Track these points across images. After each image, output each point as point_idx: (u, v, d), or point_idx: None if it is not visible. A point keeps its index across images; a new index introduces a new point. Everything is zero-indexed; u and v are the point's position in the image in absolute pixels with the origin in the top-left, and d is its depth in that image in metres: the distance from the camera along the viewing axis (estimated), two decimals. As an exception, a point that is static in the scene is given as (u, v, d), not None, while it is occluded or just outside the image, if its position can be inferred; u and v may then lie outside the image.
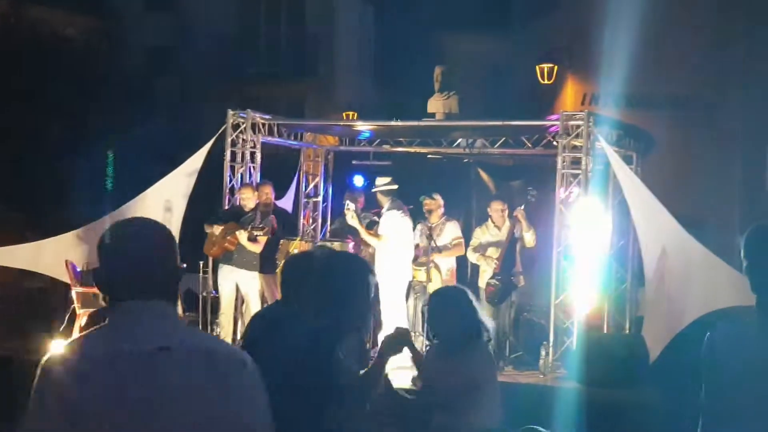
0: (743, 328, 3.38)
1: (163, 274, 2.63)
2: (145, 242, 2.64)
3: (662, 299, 9.96)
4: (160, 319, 2.59)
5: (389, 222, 10.25)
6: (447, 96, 12.17)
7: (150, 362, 2.48)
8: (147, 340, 2.51)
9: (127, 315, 2.58)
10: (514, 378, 10.01)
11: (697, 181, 14.47)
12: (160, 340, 2.52)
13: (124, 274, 2.60)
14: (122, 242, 2.64)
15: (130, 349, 2.48)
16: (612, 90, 15.22)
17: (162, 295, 2.61)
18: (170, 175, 11.80)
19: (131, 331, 2.54)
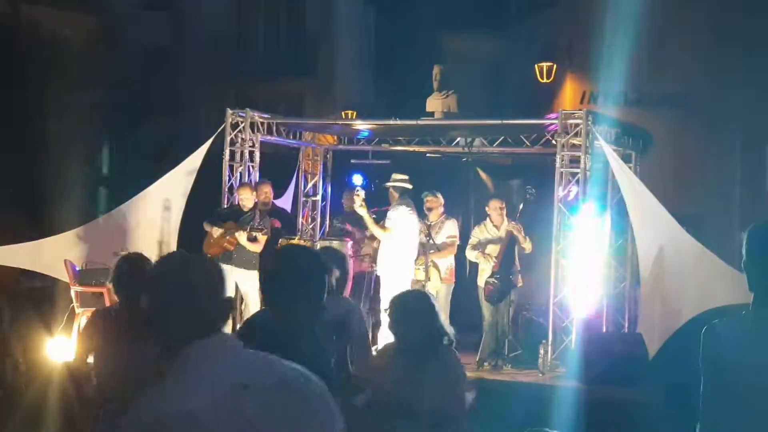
0: (740, 325, 3.39)
1: (217, 307, 2.55)
2: (196, 277, 2.55)
3: (657, 298, 9.97)
4: (234, 354, 2.50)
5: (396, 216, 10.14)
6: (446, 95, 12.17)
7: (235, 404, 2.38)
8: (227, 380, 2.42)
9: (199, 357, 2.46)
10: (513, 377, 10.03)
11: (696, 179, 14.48)
12: (239, 377, 2.43)
13: (183, 314, 2.49)
14: (174, 281, 2.53)
15: (217, 394, 2.39)
16: (611, 89, 15.24)
17: (219, 327, 2.53)
18: (169, 174, 11.80)
19: (211, 373, 2.43)
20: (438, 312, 5.14)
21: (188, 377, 2.43)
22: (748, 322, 3.36)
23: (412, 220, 10.14)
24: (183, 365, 2.45)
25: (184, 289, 2.51)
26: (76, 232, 11.59)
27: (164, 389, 2.43)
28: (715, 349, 3.32)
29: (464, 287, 11.16)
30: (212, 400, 2.37)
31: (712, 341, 3.33)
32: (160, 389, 2.42)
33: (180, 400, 2.37)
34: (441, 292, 10.70)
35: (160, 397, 2.40)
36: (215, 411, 2.35)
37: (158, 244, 11.70)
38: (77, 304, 10.55)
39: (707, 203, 14.16)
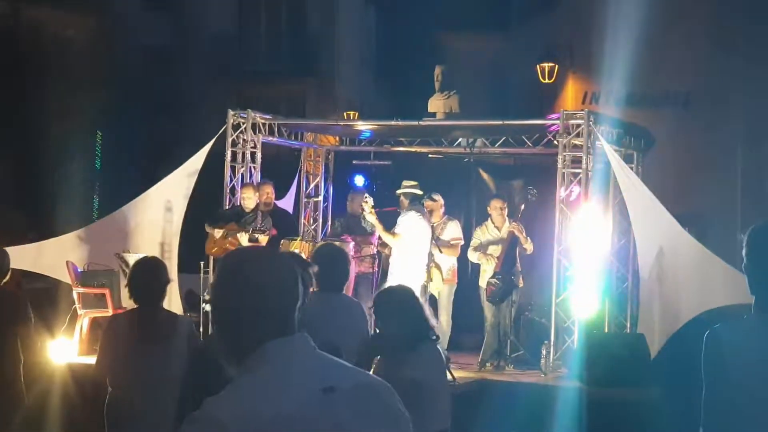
0: (742, 329, 3.37)
1: (293, 304, 2.42)
2: (270, 274, 2.42)
3: (656, 299, 9.97)
4: (311, 356, 2.40)
5: (406, 222, 10.10)
6: (447, 95, 12.16)
7: (325, 407, 2.30)
8: (312, 383, 2.33)
9: (281, 357, 2.35)
10: (515, 377, 10.03)
11: (698, 179, 14.48)
12: (321, 380, 2.34)
13: (263, 311, 2.37)
14: (254, 276, 2.40)
15: (306, 397, 2.29)
16: (612, 89, 15.25)
17: (294, 327, 2.41)
18: (171, 176, 11.81)
19: (293, 377, 2.33)
20: (422, 306, 5.14)
21: (272, 379, 2.33)
22: (750, 326, 3.35)
23: (421, 225, 10.06)
24: (264, 366, 2.34)
25: (258, 287, 2.39)
26: (78, 233, 11.60)
27: (246, 391, 2.32)
28: (717, 354, 3.30)
29: (466, 288, 11.16)
30: (301, 403, 2.30)
31: (714, 346, 3.31)
32: (241, 391, 2.32)
33: (269, 403, 2.28)
34: (443, 293, 10.70)
35: (242, 399, 2.30)
36: (306, 414, 2.29)
37: (160, 246, 11.71)
38: (79, 306, 10.56)
39: (708, 203, 14.16)
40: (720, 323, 3.38)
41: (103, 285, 10.47)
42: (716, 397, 3.29)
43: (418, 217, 10.03)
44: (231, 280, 2.42)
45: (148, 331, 5.46)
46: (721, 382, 3.28)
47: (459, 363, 10.16)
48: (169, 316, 5.69)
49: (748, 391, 3.22)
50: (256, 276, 2.40)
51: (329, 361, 2.44)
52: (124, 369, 5.46)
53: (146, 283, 5.51)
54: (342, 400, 2.32)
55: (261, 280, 2.39)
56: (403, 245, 9.90)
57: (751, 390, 3.22)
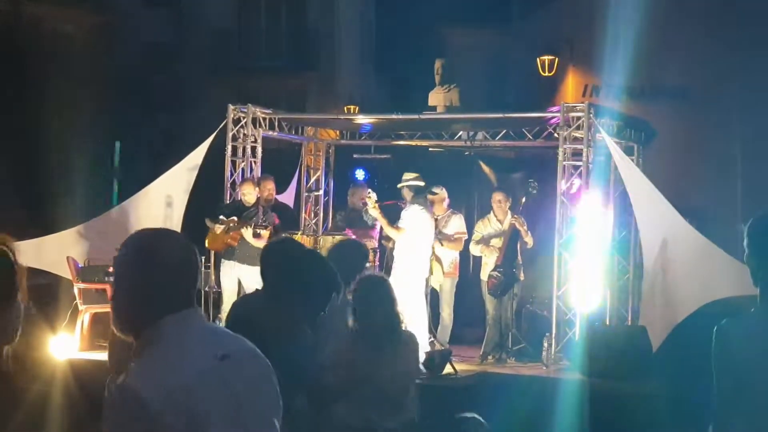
0: (750, 323, 3.35)
1: (192, 284, 2.62)
2: (177, 251, 2.61)
3: (659, 291, 9.95)
4: (204, 327, 2.58)
5: (409, 216, 10.07)
6: (448, 89, 12.17)
7: (220, 373, 2.46)
8: (208, 351, 2.49)
9: (178, 330, 2.52)
10: (517, 370, 10.02)
11: (699, 172, 14.47)
12: (216, 348, 2.50)
13: (165, 286, 2.55)
14: (156, 254, 2.59)
15: (204, 366, 2.45)
16: (613, 81, 15.22)
17: (190, 302, 2.59)
18: (171, 171, 11.80)
19: (193, 347, 2.51)
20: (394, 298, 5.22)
21: (172, 351, 2.49)
22: (758, 319, 3.32)
23: (425, 218, 10.04)
24: (164, 339, 2.51)
25: (163, 264, 2.57)
26: (79, 229, 11.59)
27: (149, 364, 2.48)
28: (727, 349, 3.27)
29: (468, 281, 11.16)
30: (200, 371, 2.43)
31: (723, 340, 3.29)
32: (145, 364, 2.49)
33: (172, 374, 2.42)
34: (445, 286, 10.69)
35: (148, 372, 2.46)
36: (205, 382, 2.42)
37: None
38: (80, 301, 10.57)
39: (709, 195, 14.15)
40: (728, 317, 3.35)
41: (104, 280, 10.46)
42: (727, 391, 3.28)
43: (421, 210, 10.00)
44: (137, 257, 2.59)
45: None
46: (731, 376, 3.25)
47: (461, 356, 10.16)
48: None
49: (758, 385, 3.20)
50: (161, 254, 2.58)
51: (220, 331, 2.69)
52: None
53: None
54: (235, 366, 2.47)
55: (166, 258, 2.57)
56: (408, 239, 9.88)
57: (762, 383, 3.20)
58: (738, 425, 3.26)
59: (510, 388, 8.74)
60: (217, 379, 2.43)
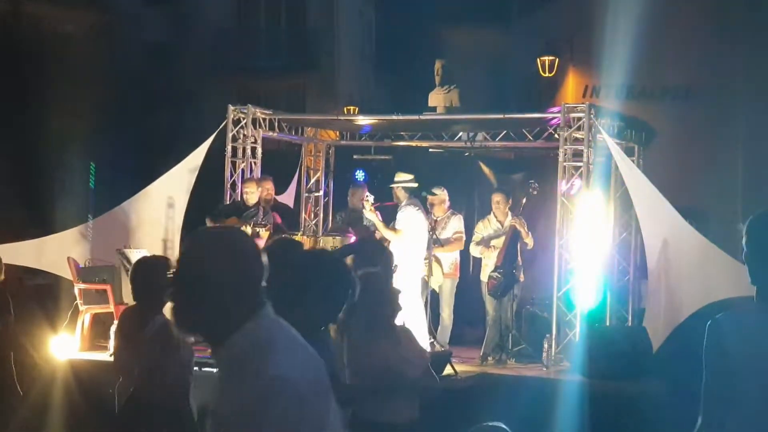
0: (744, 319, 3.38)
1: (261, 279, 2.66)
2: (253, 249, 2.65)
3: (663, 291, 9.96)
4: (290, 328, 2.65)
5: (404, 218, 10.12)
6: (448, 89, 12.13)
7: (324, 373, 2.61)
8: (310, 350, 2.63)
9: (285, 331, 2.60)
10: (517, 371, 10.01)
11: (699, 172, 14.46)
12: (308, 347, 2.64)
13: (251, 284, 2.57)
14: (243, 251, 2.61)
15: (317, 364, 2.58)
16: (613, 82, 15.23)
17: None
18: (172, 171, 11.80)
19: (305, 346, 2.61)
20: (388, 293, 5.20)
21: (291, 343, 2.55)
22: (752, 315, 3.34)
23: (420, 219, 10.12)
24: (275, 333, 2.54)
25: (247, 261, 2.58)
26: (79, 229, 11.60)
27: (282, 355, 2.48)
28: (718, 343, 3.30)
29: (468, 282, 11.16)
30: (317, 364, 2.55)
31: (715, 335, 3.32)
32: (276, 356, 2.47)
33: (305, 365, 2.50)
34: (445, 287, 10.69)
35: (286, 362, 2.46)
36: (323, 375, 2.56)
37: (162, 242, 11.70)
38: (81, 302, 10.56)
39: (710, 196, 14.14)
40: (722, 313, 3.38)
41: (104, 281, 10.47)
42: (716, 385, 3.30)
43: (417, 211, 10.07)
44: (223, 256, 2.55)
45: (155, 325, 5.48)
46: (722, 370, 3.28)
47: (461, 357, 10.15)
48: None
49: (748, 380, 3.22)
50: (242, 252, 2.58)
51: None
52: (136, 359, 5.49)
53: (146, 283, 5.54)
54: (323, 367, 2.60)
55: (248, 255, 2.58)
56: (403, 241, 9.91)
57: (752, 379, 3.22)
58: (726, 419, 3.28)
59: (510, 390, 8.74)
60: (324, 372, 2.57)
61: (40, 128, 16.92)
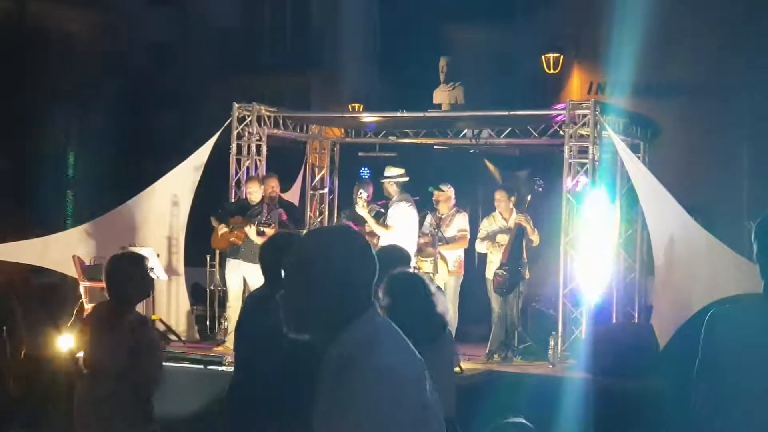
0: (744, 310, 3.39)
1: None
2: (366, 246, 2.72)
3: (670, 287, 9.94)
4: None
5: (398, 213, 10.22)
6: (452, 87, 12.11)
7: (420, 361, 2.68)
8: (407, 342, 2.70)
9: (385, 321, 2.67)
10: (523, 368, 10.00)
11: (704, 169, 14.44)
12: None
13: (366, 280, 2.64)
14: (358, 249, 2.65)
15: (413, 355, 2.66)
16: (618, 79, 15.19)
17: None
18: (176, 169, 11.80)
19: (401, 337, 2.67)
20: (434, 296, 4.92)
21: (398, 339, 2.62)
22: (756, 308, 3.33)
23: (412, 214, 10.27)
24: (381, 328, 2.61)
25: (362, 259, 2.63)
26: (85, 227, 11.61)
27: (388, 349, 2.55)
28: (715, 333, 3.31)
29: (473, 279, 11.14)
30: (415, 358, 2.62)
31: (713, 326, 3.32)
32: (384, 349, 2.54)
33: (409, 361, 2.58)
34: (450, 285, 10.68)
35: (394, 355, 2.54)
36: (420, 367, 2.62)
37: (167, 239, 11.71)
38: (86, 300, 10.57)
39: (715, 193, 14.12)
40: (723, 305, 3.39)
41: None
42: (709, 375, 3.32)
43: (409, 207, 10.25)
44: (341, 254, 2.60)
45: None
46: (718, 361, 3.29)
47: (466, 354, 10.13)
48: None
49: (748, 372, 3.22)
50: (358, 250, 2.63)
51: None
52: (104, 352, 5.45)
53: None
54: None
55: (362, 253, 2.63)
56: (395, 236, 9.97)
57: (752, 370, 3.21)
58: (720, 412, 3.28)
59: (516, 387, 8.72)
60: (421, 366, 2.61)
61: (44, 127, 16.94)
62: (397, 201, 10.36)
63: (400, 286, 4.92)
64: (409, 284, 4.93)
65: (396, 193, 10.45)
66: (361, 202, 10.34)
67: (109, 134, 17.90)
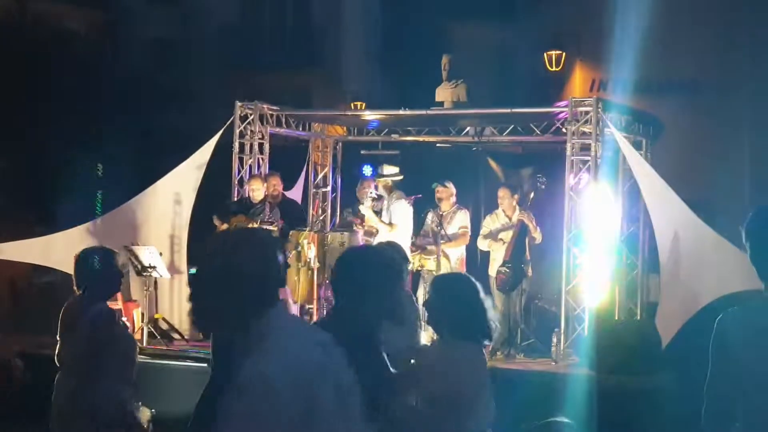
0: (753, 313, 3.34)
1: (276, 275, 2.83)
2: (274, 246, 2.86)
3: (676, 284, 9.93)
4: (298, 319, 3.05)
5: (400, 211, 10.36)
6: (455, 84, 12.10)
7: (328, 363, 2.76)
8: (312, 340, 2.80)
9: (285, 321, 2.74)
10: (526, 365, 10.01)
11: (707, 165, 14.42)
12: (312, 335, 2.85)
13: (269, 278, 2.73)
14: (262, 248, 2.77)
15: (317, 355, 2.73)
16: (620, 76, 15.16)
17: (278, 295, 2.82)
18: (179, 168, 11.80)
19: (300, 335, 2.77)
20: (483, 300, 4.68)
21: (287, 340, 2.64)
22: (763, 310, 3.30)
23: (410, 212, 10.53)
24: (274, 331, 2.64)
25: (265, 258, 2.69)
26: (87, 226, 11.60)
27: (269, 352, 2.59)
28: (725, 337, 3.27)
29: (476, 277, 11.09)
30: (316, 360, 2.65)
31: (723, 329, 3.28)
32: (264, 352, 2.58)
33: (294, 361, 2.59)
34: (452, 282, 10.69)
35: (272, 358, 2.57)
36: (320, 370, 2.64)
37: (169, 238, 11.71)
38: (89, 299, 10.54)
39: (718, 189, 14.09)
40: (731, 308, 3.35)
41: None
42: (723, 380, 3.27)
43: (407, 204, 10.52)
44: (244, 251, 2.65)
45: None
46: (729, 365, 3.26)
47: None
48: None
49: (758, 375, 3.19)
50: (264, 248, 2.70)
51: (306, 323, 2.94)
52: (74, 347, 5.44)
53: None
54: (327, 351, 2.71)
55: (267, 252, 2.69)
56: (397, 234, 10.15)
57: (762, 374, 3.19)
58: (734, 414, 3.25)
59: (519, 384, 8.72)
60: (328, 369, 2.64)
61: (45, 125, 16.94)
62: (397, 199, 10.47)
63: (454, 285, 4.87)
64: (462, 284, 4.84)
65: (393, 191, 10.61)
66: (369, 201, 10.46)
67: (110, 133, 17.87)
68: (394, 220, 10.38)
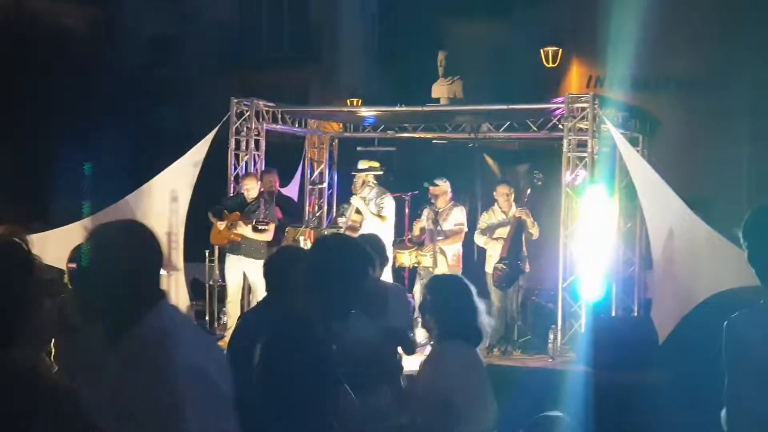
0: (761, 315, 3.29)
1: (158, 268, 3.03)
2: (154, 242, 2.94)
3: (670, 280, 9.93)
4: (181, 314, 3.04)
5: (387, 205, 10.52)
6: (451, 81, 12.09)
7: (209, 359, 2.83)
8: (199, 335, 2.95)
9: (173, 315, 2.83)
10: (522, 362, 10.01)
11: (703, 162, 14.42)
12: (201, 331, 3.14)
13: (154, 274, 2.93)
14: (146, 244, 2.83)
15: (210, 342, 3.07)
16: (617, 72, 15.17)
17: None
18: (175, 165, 11.78)
19: (187, 330, 2.87)
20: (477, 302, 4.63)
21: (180, 333, 2.67)
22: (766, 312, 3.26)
23: (394, 206, 10.75)
24: (166, 323, 2.67)
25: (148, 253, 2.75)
26: (83, 223, 11.57)
27: (196, 346, 2.67)
28: (738, 343, 3.23)
29: (472, 274, 11.12)
30: (217, 349, 2.82)
31: (736, 337, 3.24)
32: (188, 347, 2.63)
33: (209, 355, 2.71)
34: (448, 279, 10.71)
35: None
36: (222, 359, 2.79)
37: (166, 235, 11.68)
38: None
39: (714, 186, 14.11)
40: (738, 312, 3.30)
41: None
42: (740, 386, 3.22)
43: (391, 198, 10.73)
44: (121, 248, 2.68)
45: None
46: (744, 369, 3.21)
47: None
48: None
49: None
50: (141, 243, 2.73)
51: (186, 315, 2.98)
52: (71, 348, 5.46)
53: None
54: (213, 347, 2.82)
55: (144, 246, 2.73)
56: (386, 228, 10.39)
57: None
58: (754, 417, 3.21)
59: (516, 381, 8.72)
60: (211, 365, 2.63)
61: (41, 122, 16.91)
62: (384, 193, 10.77)
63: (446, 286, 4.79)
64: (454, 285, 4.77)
65: (375, 186, 10.73)
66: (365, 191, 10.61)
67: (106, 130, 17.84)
68: (384, 213, 10.46)
